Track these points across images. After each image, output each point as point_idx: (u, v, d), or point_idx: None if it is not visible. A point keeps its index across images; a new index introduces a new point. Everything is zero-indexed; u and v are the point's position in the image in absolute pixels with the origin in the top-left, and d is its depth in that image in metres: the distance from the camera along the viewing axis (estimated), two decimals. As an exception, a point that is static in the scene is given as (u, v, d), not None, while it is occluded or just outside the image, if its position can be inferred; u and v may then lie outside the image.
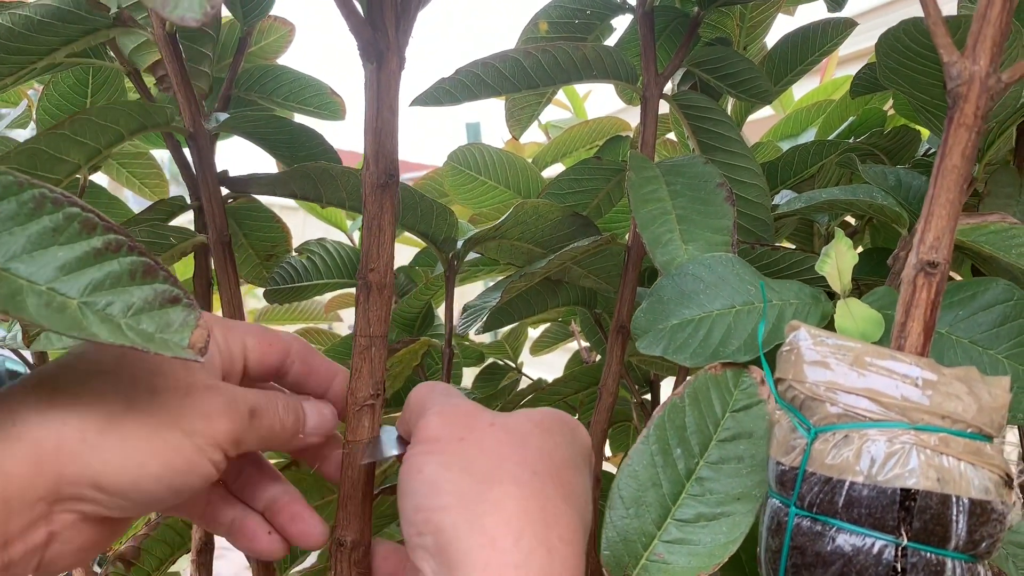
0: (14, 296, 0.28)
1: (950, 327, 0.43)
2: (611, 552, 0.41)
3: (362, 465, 0.42)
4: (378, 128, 0.40)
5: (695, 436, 0.43)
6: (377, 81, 0.40)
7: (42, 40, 0.51)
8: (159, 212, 0.60)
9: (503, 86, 0.57)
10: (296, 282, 0.74)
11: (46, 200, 0.30)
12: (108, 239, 0.31)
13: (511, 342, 0.99)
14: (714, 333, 0.45)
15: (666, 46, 0.67)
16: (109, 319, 0.29)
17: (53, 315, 0.28)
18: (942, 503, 0.33)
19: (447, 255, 0.64)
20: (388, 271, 0.42)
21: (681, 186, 0.55)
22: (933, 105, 0.53)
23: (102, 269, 0.30)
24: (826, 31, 0.71)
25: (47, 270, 0.29)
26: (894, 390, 0.35)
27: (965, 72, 0.34)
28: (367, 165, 0.41)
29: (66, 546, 0.34)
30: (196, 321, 0.31)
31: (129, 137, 0.51)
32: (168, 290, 0.31)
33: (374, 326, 0.42)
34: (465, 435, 0.38)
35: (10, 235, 0.29)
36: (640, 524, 0.41)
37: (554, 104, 1.15)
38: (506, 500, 0.35)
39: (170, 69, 0.54)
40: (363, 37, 0.39)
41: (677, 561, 0.40)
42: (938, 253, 0.35)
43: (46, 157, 0.47)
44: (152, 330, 0.30)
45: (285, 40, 0.74)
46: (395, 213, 0.42)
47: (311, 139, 0.62)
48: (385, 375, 0.43)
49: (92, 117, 0.48)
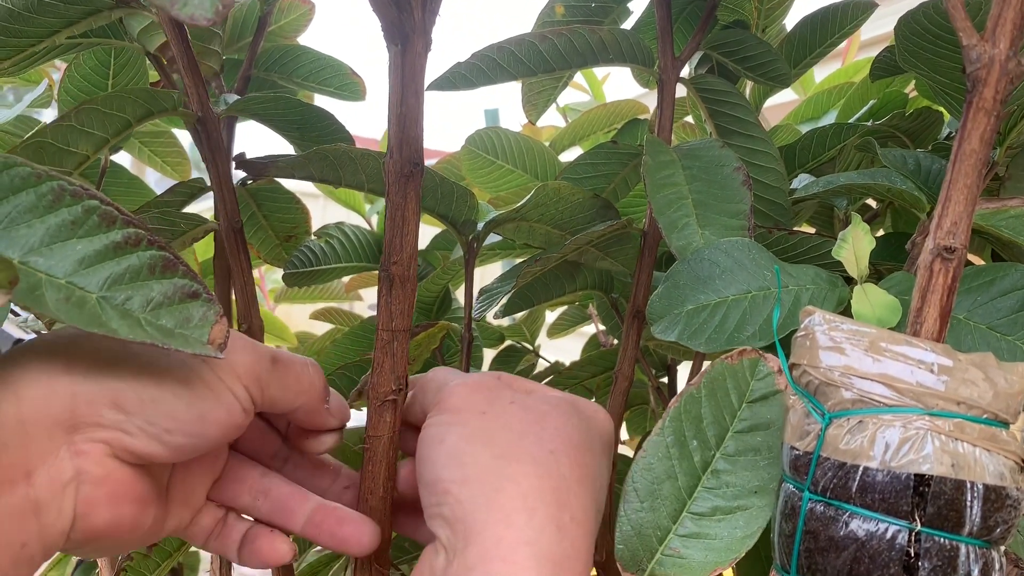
0: (33, 291, 0.28)
1: (968, 313, 0.42)
2: (626, 546, 0.40)
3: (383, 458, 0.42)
4: (402, 114, 0.39)
5: (711, 427, 0.42)
6: (402, 64, 0.38)
7: (42, 22, 0.51)
8: (178, 194, 0.60)
9: (519, 70, 0.57)
10: (314, 266, 0.75)
11: (65, 192, 0.30)
12: (128, 233, 0.31)
13: (528, 325, 0.99)
14: (729, 318, 0.45)
15: (683, 29, 0.67)
16: (128, 314, 0.29)
17: (72, 310, 0.28)
18: (956, 489, 0.33)
19: (467, 238, 0.64)
20: (411, 263, 0.41)
21: (698, 170, 0.54)
22: (953, 88, 0.52)
23: (121, 263, 0.30)
24: (846, 12, 0.71)
25: (66, 264, 0.29)
26: (909, 376, 0.35)
27: (984, 55, 0.34)
28: (390, 153, 0.40)
29: (98, 489, 0.33)
30: (216, 317, 0.31)
31: (137, 124, 0.51)
32: (187, 285, 0.31)
33: (396, 320, 0.41)
34: (487, 409, 0.38)
35: (28, 228, 0.29)
36: (655, 518, 0.41)
37: (572, 87, 1.14)
38: (522, 477, 0.36)
39: (176, 52, 0.53)
40: (387, 18, 0.38)
41: (693, 556, 0.40)
42: (955, 238, 0.35)
43: (53, 150, 0.47)
44: (171, 326, 0.30)
45: (305, 19, 0.74)
46: (419, 203, 0.40)
47: (323, 120, 0.62)
48: (408, 368, 0.42)
49: (97, 106, 0.48)
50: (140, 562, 0.65)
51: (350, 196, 0.97)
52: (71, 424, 0.32)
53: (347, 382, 0.71)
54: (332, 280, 0.80)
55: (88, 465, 0.32)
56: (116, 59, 0.66)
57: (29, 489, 0.31)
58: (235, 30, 0.67)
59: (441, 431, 0.38)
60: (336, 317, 1.05)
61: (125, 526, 0.34)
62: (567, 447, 0.38)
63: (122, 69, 0.66)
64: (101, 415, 0.32)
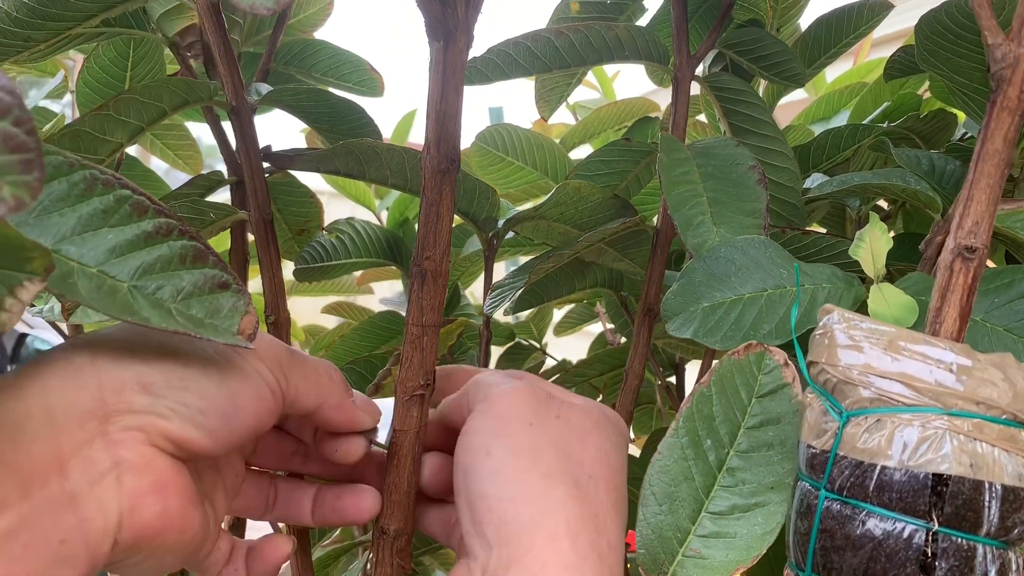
0: (65, 279, 0.28)
1: (985, 315, 0.42)
2: (646, 550, 0.40)
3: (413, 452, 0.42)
4: (442, 111, 0.38)
5: (724, 425, 0.42)
6: (444, 60, 0.38)
7: (80, 5, 0.50)
8: (197, 187, 0.60)
9: (534, 66, 0.57)
10: (325, 261, 0.75)
11: (97, 181, 0.30)
12: (159, 222, 0.31)
13: (536, 322, 0.99)
14: (745, 316, 0.45)
15: (698, 27, 0.67)
16: (159, 303, 0.29)
17: (105, 298, 0.28)
18: (974, 489, 0.33)
19: (487, 234, 0.64)
20: (444, 259, 0.40)
21: (712, 168, 0.54)
22: (972, 89, 0.52)
23: (152, 252, 0.30)
24: (861, 12, 0.70)
25: (97, 252, 0.29)
26: (928, 375, 0.34)
27: (1010, 54, 0.34)
28: (427, 149, 0.39)
29: (141, 479, 0.32)
30: (246, 307, 0.31)
31: (171, 113, 0.51)
32: (218, 275, 0.31)
33: (427, 315, 0.41)
34: (534, 420, 0.38)
35: (60, 216, 0.29)
36: (674, 520, 0.40)
37: (583, 84, 1.14)
38: (568, 500, 0.36)
39: (212, 40, 0.53)
40: (431, 13, 0.37)
41: (714, 555, 0.39)
42: (976, 238, 0.35)
43: (90, 138, 0.47)
44: (202, 315, 0.30)
45: (324, 13, 0.74)
46: (454, 199, 0.40)
47: (353, 113, 0.62)
48: (435, 364, 0.42)
49: (136, 96, 0.48)
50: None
51: (360, 191, 0.97)
52: (103, 413, 0.31)
53: (356, 377, 0.71)
54: (342, 275, 0.80)
55: (126, 453, 0.31)
56: (135, 50, 0.66)
57: (64, 481, 0.30)
58: (254, 23, 0.67)
59: (487, 441, 0.37)
60: (347, 311, 1.05)
61: (175, 524, 0.33)
62: (606, 471, 0.38)
63: (141, 60, 0.66)
64: (131, 400, 0.31)
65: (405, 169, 0.56)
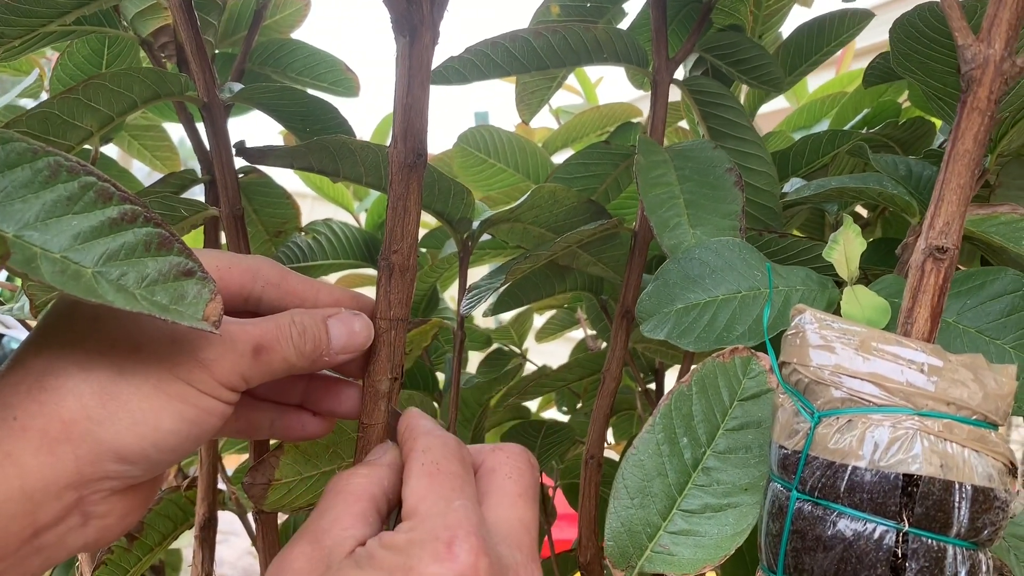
0: (29, 262, 0.28)
1: (957, 316, 0.42)
2: (615, 543, 0.40)
3: None
4: (408, 105, 0.39)
5: (702, 425, 0.42)
6: (409, 56, 0.39)
7: (53, 2, 0.50)
8: (170, 185, 0.59)
9: (512, 66, 0.57)
10: (302, 262, 0.74)
11: (61, 168, 0.30)
12: (124, 209, 0.30)
13: (517, 328, 0.99)
14: (719, 318, 0.45)
15: (678, 31, 0.67)
16: (123, 289, 0.29)
17: (69, 281, 0.28)
18: (945, 489, 0.33)
19: (462, 235, 0.63)
20: (412, 253, 0.41)
21: (690, 171, 0.54)
22: (945, 93, 0.52)
23: (117, 239, 0.30)
24: (843, 21, 0.71)
25: (61, 238, 0.29)
26: (899, 375, 0.34)
27: (980, 55, 0.34)
28: (394, 143, 0.40)
29: (106, 519, 0.34)
30: (210, 295, 0.31)
31: (143, 105, 0.51)
32: (183, 262, 0.31)
33: (395, 308, 0.41)
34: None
35: (24, 203, 0.29)
36: (645, 515, 0.40)
37: (566, 89, 1.14)
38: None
39: (184, 37, 0.53)
40: (397, 9, 0.38)
41: (683, 553, 0.39)
42: (947, 238, 0.35)
43: (59, 122, 0.47)
44: (166, 302, 0.30)
45: (300, 14, 0.74)
46: (421, 194, 0.40)
47: (326, 112, 0.62)
48: (404, 359, 0.42)
49: (106, 83, 0.48)
50: (120, 556, 0.64)
51: (338, 193, 0.97)
52: (79, 484, 0.32)
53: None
54: (319, 277, 0.79)
55: (95, 507, 0.33)
56: (110, 48, 0.66)
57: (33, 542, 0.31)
58: (230, 24, 0.67)
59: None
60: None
61: (133, 522, 0.36)
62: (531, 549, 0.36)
63: (116, 58, 0.66)
64: (106, 470, 0.33)
65: (380, 167, 0.56)
